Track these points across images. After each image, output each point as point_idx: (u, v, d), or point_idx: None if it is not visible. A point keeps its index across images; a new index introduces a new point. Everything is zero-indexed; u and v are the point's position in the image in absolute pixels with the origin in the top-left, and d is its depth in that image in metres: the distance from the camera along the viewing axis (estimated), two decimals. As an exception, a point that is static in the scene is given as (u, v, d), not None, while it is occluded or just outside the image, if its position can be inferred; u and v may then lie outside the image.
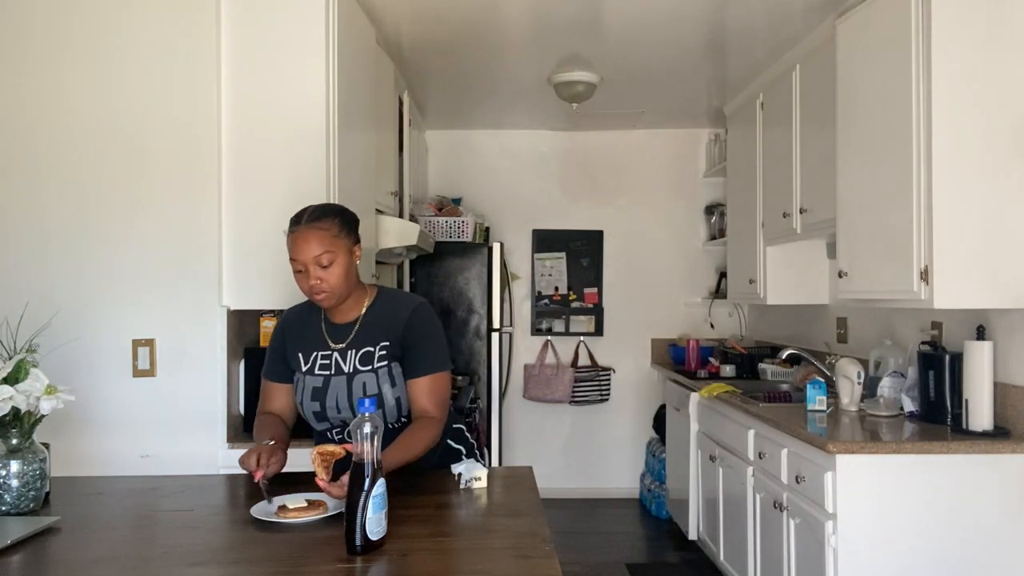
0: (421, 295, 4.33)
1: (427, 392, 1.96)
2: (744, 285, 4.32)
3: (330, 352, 2.00)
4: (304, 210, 1.95)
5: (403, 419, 2.00)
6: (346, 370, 1.97)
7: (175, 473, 2.23)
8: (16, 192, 2.55)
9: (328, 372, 1.98)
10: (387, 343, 1.98)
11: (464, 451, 2.18)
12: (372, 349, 1.98)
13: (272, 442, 1.86)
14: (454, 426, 2.18)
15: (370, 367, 1.97)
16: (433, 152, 5.33)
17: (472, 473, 1.88)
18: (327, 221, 1.91)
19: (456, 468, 1.93)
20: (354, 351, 1.99)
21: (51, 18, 2.56)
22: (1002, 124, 2.46)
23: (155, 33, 2.57)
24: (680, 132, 5.41)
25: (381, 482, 1.45)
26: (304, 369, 2.01)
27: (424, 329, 1.99)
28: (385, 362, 1.97)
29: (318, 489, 1.68)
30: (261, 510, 1.66)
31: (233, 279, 2.61)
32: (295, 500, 1.68)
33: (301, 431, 2.62)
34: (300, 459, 2.49)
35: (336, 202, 2.61)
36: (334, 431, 2.02)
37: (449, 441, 2.15)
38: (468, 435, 2.24)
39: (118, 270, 2.56)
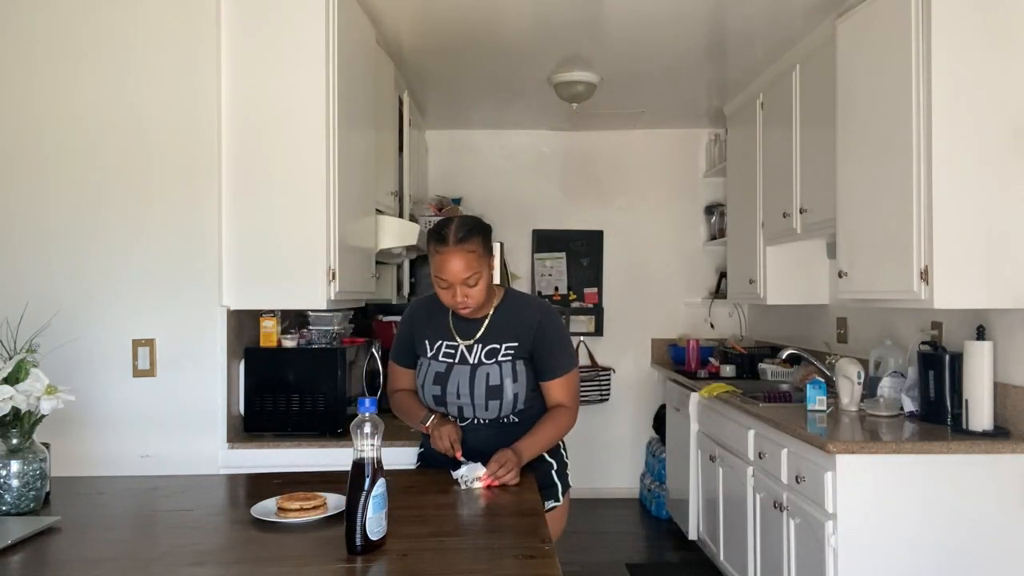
0: (421, 295, 4.35)
1: (563, 390, 2.13)
2: (744, 285, 4.32)
3: (456, 344, 2.12)
4: (447, 226, 2.01)
5: (514, 416, 2.11)
6: (471, 361, 2.09)
7: (175, 473, 2.23)
8: (16, 192, 2.55)
9: (452, 360, 2.11)
10: (515, 344, 2.09)
11: (555, 465, 2.19)
12: (498, 347, 2.09)
13: (433, 417, 2.07)
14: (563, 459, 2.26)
15: (494, 360, 2.08)
16: (433, 152, 5.33)
17: (474, 474, 1.89)
18: (473, 242, 2.00)
19: (456, 472, 1.93)
20: (480, 346, 2.10)
21: (52, 19, 2.56)
22: (1002, 124, 2.46)
23: (155, 33, 2.57)
24: (680, 132, 5.41)
25: (381, 482, 1.45)
26: (429, 355, 2.13)
27: (556, 335, 2.13)
28: (509, 358, 2.08)
29: (324, 489, 1.73)
30: (261, 510, 1.66)
31: (233, 279, 2.61)
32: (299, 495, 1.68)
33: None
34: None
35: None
36: (449, 416, 2.13)
37: (544, 454, 2.17)
38: (564, 451, 2.26)
39: (118, 270, 2.56)
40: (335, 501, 1.68)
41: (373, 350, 3.03)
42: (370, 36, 3.16)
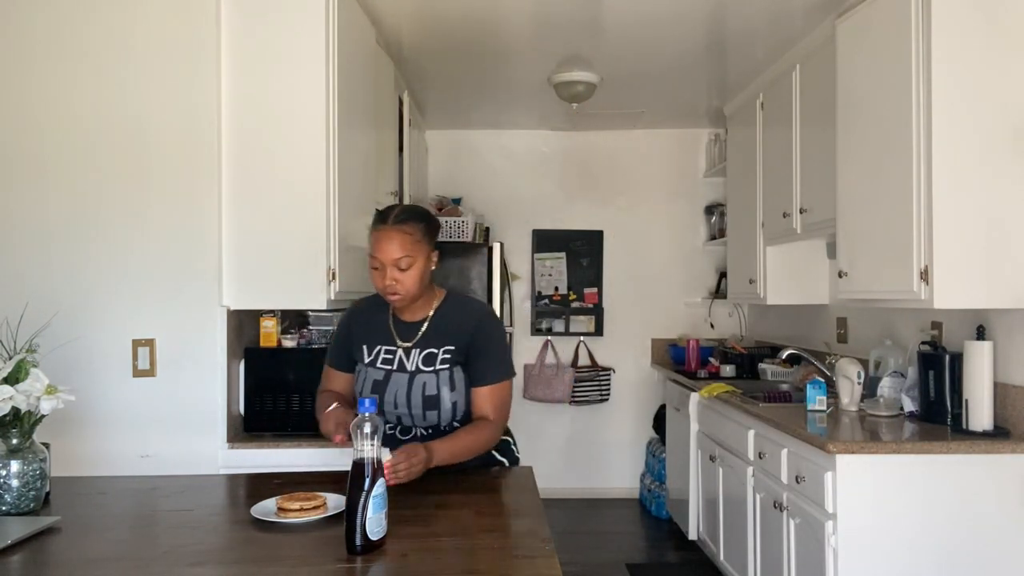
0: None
1: (489, 399, 2.02)
2: (744, 285, 4.32)
3: (395, 348, 2.05)
4: (391, 209, 2.00)
5: (455, 423, 2.05)
6: (409, 368, 2.02)
7: (175, 473, 2.23)
8: (16, 192, 2.55)
9: (390, 367, 2.04)
10: (452, 348, 2.02)
11: (507, 463, 2.19)
12: (436, 351, 2.02)
13: (335, 405, 1.97)
14: (502, 438, 2.19)
15: (432, 368, 2.01)
16: (433, 152, 5.33)
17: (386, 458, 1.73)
18: (412, 225, 1.95)
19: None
20: (418, 350, 2.03)
21: (52, 19, 2.56)
22: (1002, 124, 2.46)
23: (155, 33, 2.57)
24: (680, 132, 5.41)
25: (381, 482, 1.45)
26: (367, 361, 2.07)
27: (491, 339, 2.05)
28: (447, 365, 2.01)
29: (324, 489, 1.73)
30: (261, 510, 1.66)
31: (233, 279, 2.61)
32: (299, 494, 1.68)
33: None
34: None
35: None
36: (386, 426, 2.06)
37: (493, 452, 2.16)
38: (514, 448, 2.25)
39: (118, 270, 2.56)
40: (335, 501, 1.68)
41: (373, 350, 3.03)
42: (370, 36, 3.16)
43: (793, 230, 3.60)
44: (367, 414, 1.46)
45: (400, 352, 2.05)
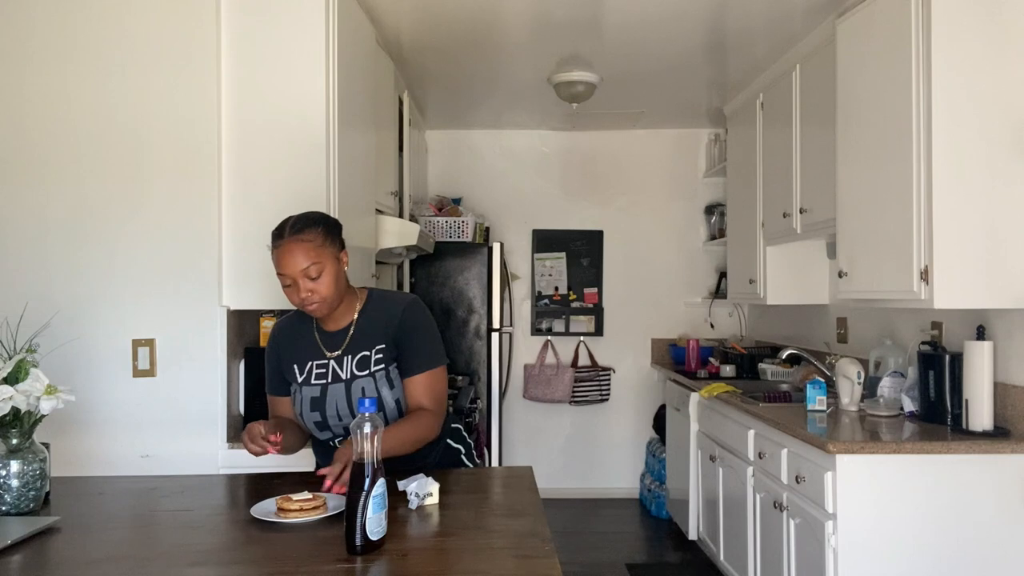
0: (421, 295, 4.36)
1: (422, 388, 1.96)
2: (744, 285, 4.32)
3: (326, 361, 1.98)
4: (284, 223, 1.92)
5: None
6: (343, 376, 1.96)
7: (175, 473, 2.23)
8: (16, 192, 2.55)
9: (325, 381, 1.97)
10: (383, 345, 1.96)
11: (463, 450, 2.19)
12: (368, 353, 1.96)
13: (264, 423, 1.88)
14: (452, 426, 2.19)
15: (367, 371, 1.95)
16: (433, 152, 5.33)
17: (425, 490, 1.75)
18: (310, 232, 1.88)
19: (405, 485, 1.76)
20: (350, 357, 1.97)
21: (52, 19, 2.56)
22: (1002, 125, 2.46)
23: (155, 33, 2.57)
24: (680, 132, 5.41)
25: (381, 482, 1.45)
26: (300, 380, 1.99)
27: (417, 327, 1.98)
28: (382, 365, 1.96)
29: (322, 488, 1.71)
30: (261, 510, 1.66)
31: (233, 279, 2.61)
32: (299, 494, 1.68)
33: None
34: (311, 459, 2.51)
35: (321, 209, 2.61)
36: (336, 440, 2.01)
37: (448, 440, 2.16)
38: (466, 435, 2.24)
39: (118, 270, 2.56)
40: (335, 501, 1.68)
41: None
42: (370, 36, 3.16)
43: (793, 230, 3.60)
44: (367, 414, 1.46)
45: (332, 363, 1.97)
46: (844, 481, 2.45)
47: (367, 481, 1.42)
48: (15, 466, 1.69)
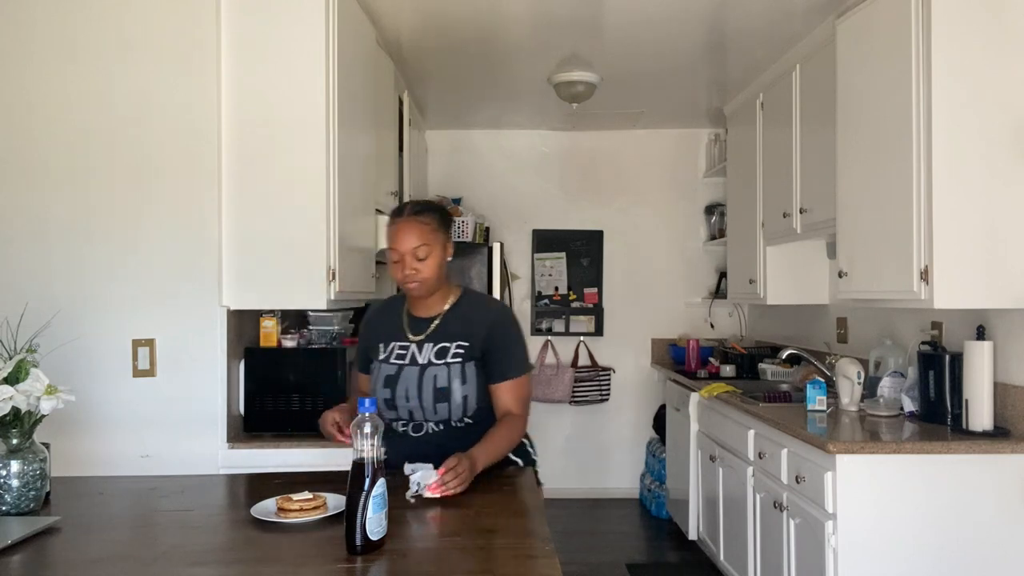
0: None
1: (511, 394, 2.05)
2: (744, 285, 4.32)
3: (408, 344, 2.09)
4: (406, 204, 2.09)
5: (467, 419, 2.04)
6: (420, 362, 2.05)
7: (175, 473, 2.23)
8: (16, 192, 2.55)
9: (402, 362, 2.07)
10: (466, 343, 2.05)
11: (521, 462, 2.17)
12: (448, 345, 2.05)
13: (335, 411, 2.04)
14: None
15: (444, 361, 2.04)
16: (433, 152, 5.33)
17: (428, 480, 1.76)
18: (428, 216, 2.03)
19: (410, 470, 1.80)
20: (431, 345, 2.06)
21: (52, 19, 2.56)
22: (1002, 125, 2.46)
23: (155, 33, 2.57)
24: (680, 132, 5.41)
25: (381, 482, 1.45)
26: (381, 357, 2.10)
27: (508, 335, 2.08)
28: (460, 359, 2.04)
29: (324, 489, 1.73)
30: (261, 510, 1.66)
31: (233, 279, 2.61)
32: (299, 494, 1.68)
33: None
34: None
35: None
36: (399, 423, 2.08)
37: (509, 454, 2.13)
38: (530, 449, 2.23)
39: (118, 270, 2.56)
40: (335, 501, 1.68)
41: (373, 350, 3.03)
42: (370, 36, 3.16)
43: (793, 230, 3.60)
44: (367, 414, 1.46)
45: (413, 347, 2.08)
46: (844, 481, 2.45)
47: (367, 481, 1.42)
48: (15, 466, 1.69)
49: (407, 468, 1.84)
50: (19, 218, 2.55)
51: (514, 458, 2.16)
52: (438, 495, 1.74)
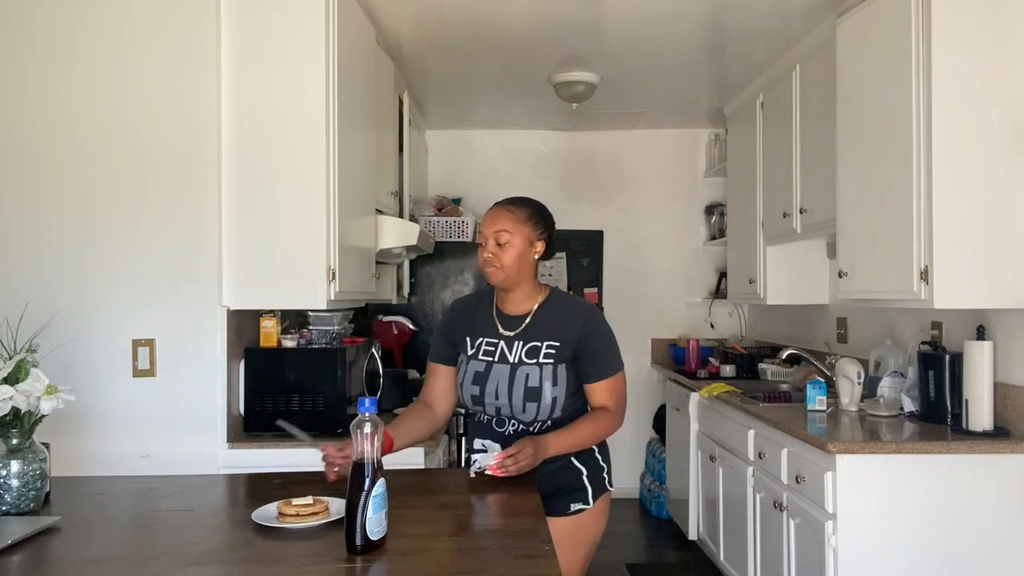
0: (421, 295, 4.37)
1: (605, 392, 2.06)
2: (744, 285, 4.32)
3: (497, 340, 2.08)
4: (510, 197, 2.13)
5: (549, 423, 2.04)
6: (511, 359, 2.05)
7: (175, 473, 2.23)
8: (16, 192, 2.55)
9: (491, 359, 2.07)
10: (557, 344, 2.03)
11: (585, 472, 2.09)
12: (539, 345, 2.04)
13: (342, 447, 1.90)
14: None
15: (535, 361, 2.03)
16: (433, 152, 5.33)
17: (487, 461, 1.87)
18: (520, 208, 2.07)
19: (479, 445, 2.04)
20: (521, 343, 2.05)
21: (52, 20, 2.56)
22: (1002, 124, 2.46)
23: (155, 34, 2.57)
24: (680, 132, 5.41)
25: (381, 482, 1.45)
26: (469, 353, 2.10)
27: (601, 336, 2.07)
28: (551, 360, 2.03)
29: (324, 489, 1.73)
30: (262, 515, 1.65)
31: (233, 279, 2.61)
32: (301, 499, 1.67)
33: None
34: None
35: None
36: (485, 417, 2.11)
37: (572, 459, 2.07)
38: (598, 457, 2.13)
39: (118, 270, 2.56)
40: (337, 506, 1.67)
41: (373, 350, 3.03)
42: (370, 36, 3.16)
43: (793, 230, 3.60)
44: (367, 414, 1.46)
45: (502, 343, 2.07)
46: (844, 481, 2.45)
47: (367, 481, 1.42)
48: (15, 466, 1.69)
49: (477, 443, 2.01)
50: (19, 218, 2.55)
51: (577, 465, 2.08)
52: (498, 475, 1.84)
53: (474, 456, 1.97)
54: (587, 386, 2.06)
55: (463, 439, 3.59)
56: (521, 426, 2.06)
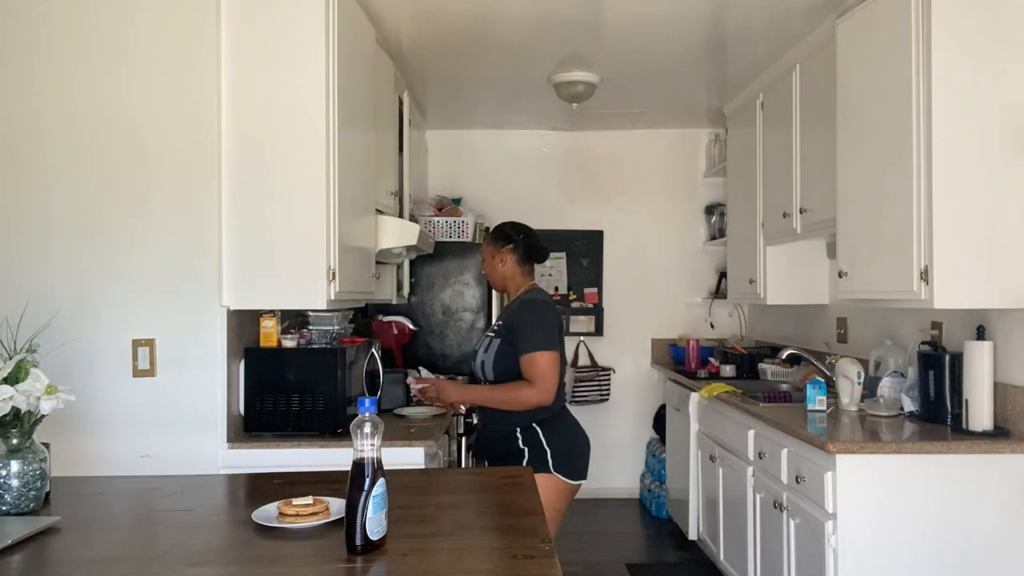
0: (421, 295, 4.37)
1: (525, 366, 2.56)
2: (744, 285, 4.32)
3: (496, 324, 2.76)
4: None
5: (487, 380, 2.67)
6: (486, 334, 2.77)
7: (175, 473, 2.23)
8: (17, 192, 2.55)
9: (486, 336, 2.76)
10: (500, 323, 2.70)
11: (525, 447, 2.61)
12: (496, 324, 2.72)
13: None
14: (530, 424, 2.62)
15: (488, 335, 2.73)
16: (433, 152, 5.33)
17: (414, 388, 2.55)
18: (488, 236, 2.87)
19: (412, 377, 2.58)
20: (495, 324, 2.76)
21: (52, 20, 2.56)
22: (1002, 124, 2.46)
23: (155, 33, 2.57)
24: (680, 132, 5.41)
25: (381, 482, 1.44)
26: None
27: (525, 319, 2.60)
28: (492, 334, 2.69)
29: (325, 489, 1.72)
30: (262, 515, 1.65)
31: (233, 279, 2.61)
32: (301, 499, 1.67)
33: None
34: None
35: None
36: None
37: (518, 435, 2.62)
38: (543, 440, 2.62)
39: (118, 270, 2.56)
40: (338, 506, 1.67)
41: (373, 350, 3.03)
42: (370, 36, 3.16)
43: (793, 230, 3.60)
44: (367, 414, 1.46)
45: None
46: (844, 481, 2.45)
47: (367, 481, 1.42)
48: (15, 466, 1.69)
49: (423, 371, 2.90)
50: (19, 218, 2.55)
51: (519, 444, 2.60)
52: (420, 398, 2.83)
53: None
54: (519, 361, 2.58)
55: (463, 439, 3.60)
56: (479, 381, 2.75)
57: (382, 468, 1.46)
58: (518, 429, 2.60)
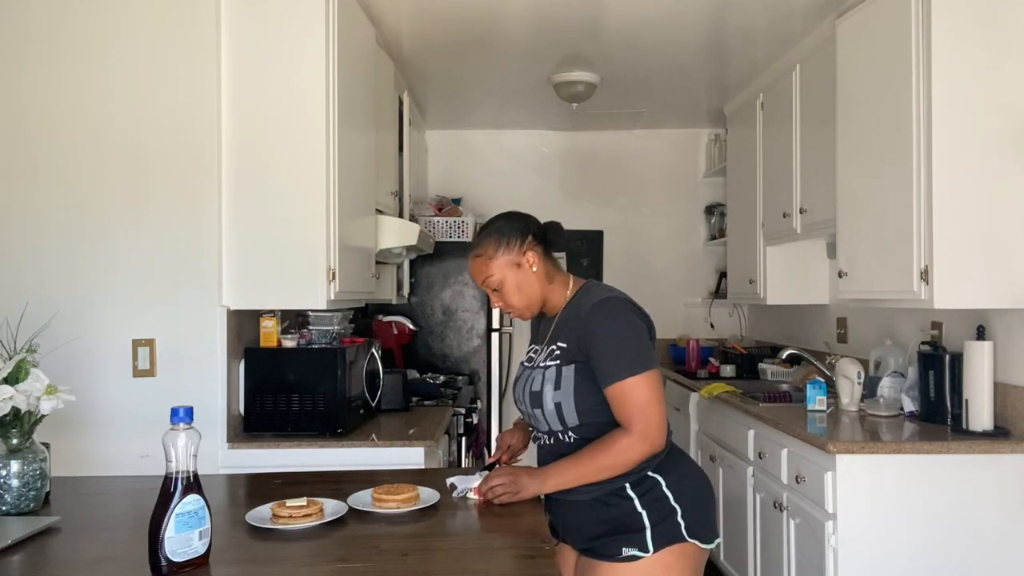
0: (421, 295, 4.37)
1: (616, 403, 1.72)
2: (744, 285, 4.32)
3: (538, 346, 1.91)
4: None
5: (569, 433, 1.78)
6: (537, 364, 1.85)
7: (175, 473, 2.23)
8: (16, 192, 2.55)
9: (527, 365, 1.90)
10: (564, 344, 1.80)
11: (643, 509, 1.73)
12: (554, 347, 1.83)
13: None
14: (647, 473, 1.76)
15: (544, 364, 1.82)
16: (433, 152, 5.33)
17: (467, 485, 1.82)
18: (484, 244, 1.85)
19: (450, 478, 1.88)
20: (547, 347, 1.85)
21: (51, 19, 2.56)
22: (1002, 124, 2.45)
23: (155, 33, 2.57)
24: (680, 132, 5.40)
25: (194, 498, 1.35)
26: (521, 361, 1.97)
27: (602, 330, 1.75)
28: (556, 361, 1.79)
29: (324, 489, 1.72)
30: (256, 517, 1.65)
31: (233, 279, 2.61)
32: (295, 500, 1.67)
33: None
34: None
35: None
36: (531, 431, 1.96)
37: (628, 488, 1.74)
38: (668, 493, 1.75)
39: (118, 270, 2.56)
40: (332, 507, 1.67)
41: (373, 350, 3.03)
42: (370, 36, 3.16)
43: (793, 230, 3.60)
44: (180, 424, 1.37)
45: (537, 348, 1.90)
46: (844, 481, 2.45)
47: (175, 497, 1.33)
48: (15, 466, 1.69)
49: (449, 480, 1.87)
50: (19, 218, 2.55)
51: (631, 492, 1.74)
52: (484, 502, 1.77)
53: (452, 479, 1.86)
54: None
55: (463, 439, 3.60)
56: (548, 438, 1.84)
57: (198, 483, 1.37)
58: (627, 485, 1.74)
